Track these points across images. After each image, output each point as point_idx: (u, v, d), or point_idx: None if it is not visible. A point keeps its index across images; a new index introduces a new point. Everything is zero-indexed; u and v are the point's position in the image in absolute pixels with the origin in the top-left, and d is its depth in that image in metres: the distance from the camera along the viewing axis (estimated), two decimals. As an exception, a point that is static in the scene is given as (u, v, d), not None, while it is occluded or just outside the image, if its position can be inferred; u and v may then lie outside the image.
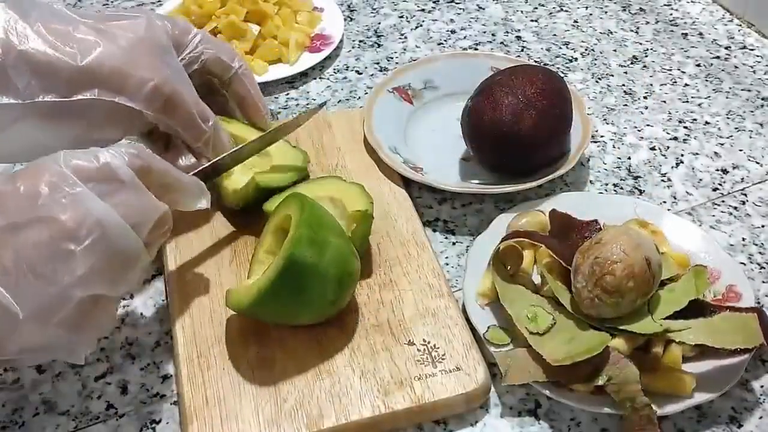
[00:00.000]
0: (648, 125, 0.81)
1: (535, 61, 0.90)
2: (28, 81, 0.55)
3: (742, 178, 0.74)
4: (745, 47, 0.92)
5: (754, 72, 0.88)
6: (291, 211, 0.56)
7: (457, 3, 1.01)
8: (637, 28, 0.96)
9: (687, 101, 0.84)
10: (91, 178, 0.46)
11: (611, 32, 0.95)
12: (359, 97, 0.85)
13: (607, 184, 0.74)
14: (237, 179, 0.65)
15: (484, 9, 0.99)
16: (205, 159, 0.62)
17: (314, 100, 0.84)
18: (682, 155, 0.77)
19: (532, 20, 0.97)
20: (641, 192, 0.73)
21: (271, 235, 0.58)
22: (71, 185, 0.45)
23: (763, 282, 0.64)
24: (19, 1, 0.57)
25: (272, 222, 0.59)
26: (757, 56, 0.91)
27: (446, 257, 0.67)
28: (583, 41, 0.94)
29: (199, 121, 0.60)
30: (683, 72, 0.88)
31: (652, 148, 0.78)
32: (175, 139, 0.64)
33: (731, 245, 0.68)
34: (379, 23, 0.97)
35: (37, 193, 0.45)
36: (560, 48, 0.92)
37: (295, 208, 0.56)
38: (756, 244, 0.68)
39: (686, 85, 0.86)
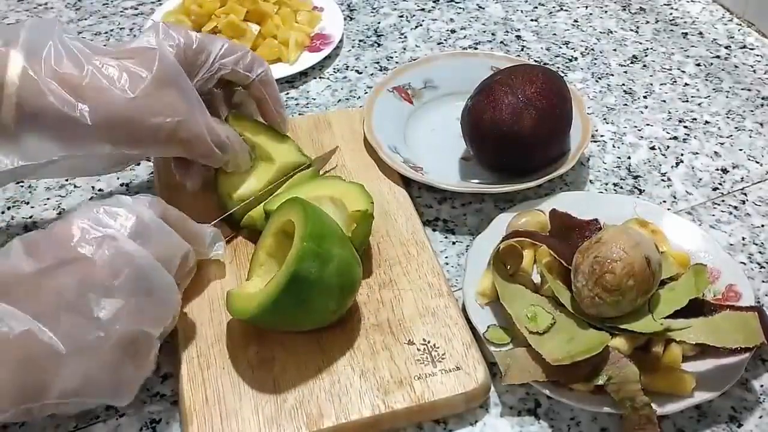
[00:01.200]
0: (648, 125, 0.81)
1: (535, 61, 0.90)
2: (42, 143, 0.54)
3: (742, 178, 0.74)
4: (745, 47, 0.92)
5: (754, 71, 0.88)
6: (294, 219, 0.55)
7: (457, 2, 1.01)
8: (637, 27, 0.96)
9: (687, 101, 0.84)
10: (119, 220, 0.49)
11: (611, 32, 0.95)
12: (359, 97, 0.85)
13: (607, 184, 0.74)
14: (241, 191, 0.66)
15: (484, 8, 0.99)
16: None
17: (314, 99, 0.84)
18: (682, 155, 0.77)
19: (532, 20, 0.97)
20: (641, 191, 0.73)
21: (272, 237, 0.58)
22: (102, 226, 0.48)
23: (763, 281, 0.64)
24: (36, 36, 0.55)
25: (273, 224, 0.59)
26: (757, 56, 0.91)
27: (446, 257, 0.67)
28: (583, 41, 0.94)
29: (216, 150, 0.61)
30: (683, 71, 0.88)
31: (652, 148, 0.78)
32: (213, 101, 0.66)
33: (731, 245, 0.68)
34: (379, 23, 0.97)
35: (70, 236, 0.47)
36: (560, 47, 0.92)
37: (298, 219, 0.55)
38: (756, 244, 0.68)
39: (686, 84, 0.86)
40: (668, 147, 0.78)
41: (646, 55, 0.91)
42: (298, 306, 0.53)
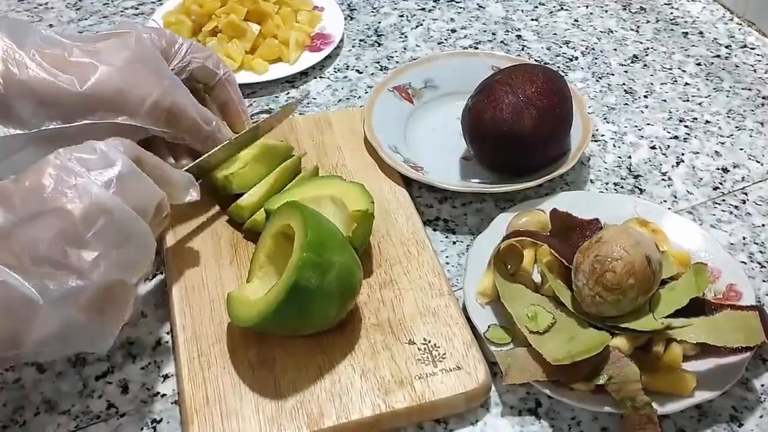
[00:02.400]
0: (648, 124, 0.81)
1: (536, 60, 0.90)
2: (33, 111, 0.56)
3: (743, 177, 0.74)
4: (745, 46, 0.92)
5: (754, 71, 0.88)
6: (293, 225, 0.55)
7: (457, 2, 1.01)
8: (638, 27, 0.96)
9: (687, 100, 0.84)
10: (92, 167, 0.49)
11: (612, 31, 0.95)
12: (359, 97, 0.85)
13: (607, 183, 0.74)
14: (245, 198, 0.66)
15: (484, 8, 0.99)
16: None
17: (315, 99, 0.84)
18: (682, 154, 0.77)
19: (532, 19, 0.97)
20: (642, 191, 0.73)
21: (272, 238, 0.58)
22: (74, 176, 0.48)
23: (764, 281, 0.64)
24: (14, 27, 0.58)
25: (272, 226, 0.58)
26: (758, 55, 0.91)
27: (446, 256, 0.67)
28: (583, 40, 0.94)
29: (203, 124, 0.63)
30: (684, 71, 0.88)
31: (653, 147, 0.78)
32: (154, 147, 0.65)
33: (732, 244, 0.68)
34: (380, 22, 0.97)
35: (43, 186, 0.47)
36: (560, 47, 0.92)
37: (297, 227, 0.54)
38: (756, 243, 0.68)
39: (687, 84, 0.86)
40: (669, 146, 0.78)
41: (647, 55, 0.91)
42: (299, 314, 0.54)
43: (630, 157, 0.77)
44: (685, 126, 0.81)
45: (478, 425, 0.55)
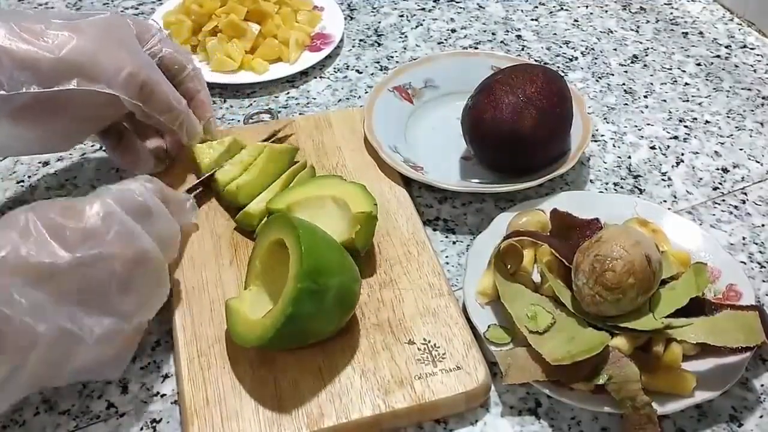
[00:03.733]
0: (648, 124, 0.81)
1: (536, 60, 0.90)
2: (11, 74, 0.56)
3: (743, 177, 0.74)
4: (745, 46, 0.92)
5: (754, 71, 0.88)
6: (288, 245, 0.53)
7: (457, 2, 1.01)
8: (638, 27, 0.96)
9: (687, 100, 0.84)
10: (132, 211, 0.50)
11: (611, 31, 0.95)
12: (359, 96, 0.85)
13: (607, 183, 0.74)
14: (254, 205, 0.66)
15: (484, 8, 0.99)
16: (175, 141, 0.70)
17: (315, 99, 0.84)
18: (682, 154, 0.77)
19: (532, 19, 0.97)
20: (641, 191, 0.73)
21: (266, 248, 0.57)
22: (125, 222, 0.49)
23: (764, 281, 0.64)
24: None
25: (266, 238, 0.57)
26: (758, 55, 0.91)
27: (446, 256, 0.67)
28: (583, 40, 0.94)
29: (175, 103, 0.64)
30: (683, 71, 0.88)
31: (653, 147, 0.78)
32: (127, 133, 0.68)
33: (731, 244, 0.68)
34: (380, 22, 0.97)
35: (98, 232, 0.48)
36: (560, 47, 0.92)
37: (292, 251, 0.53)
38: (756, 243, 0.68)
39: (686, 84, 0.86)
40: (668, 146, 0.78)
41: (647, 55, 0.91)
42: (297, 336, 0.54)
43: (630, 157, 0.77)
44: (685, 126, 0.81)
45: (477, 425, 0.55)
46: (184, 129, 0.66)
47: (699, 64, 0.89)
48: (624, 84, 0.86)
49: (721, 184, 0.74)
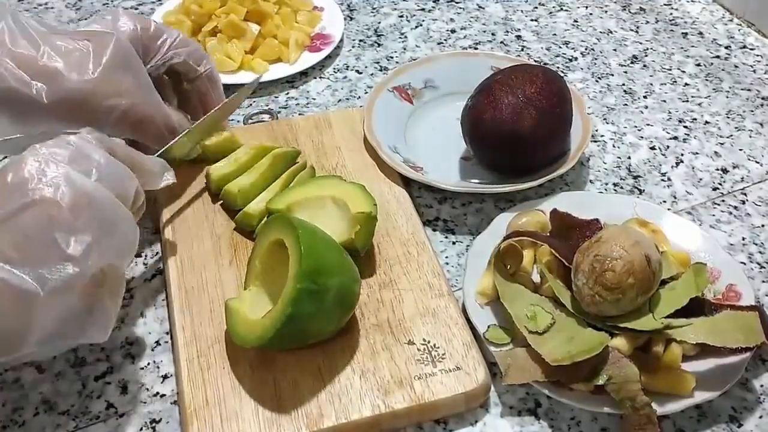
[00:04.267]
0: (648, 125, 0.81)
1: (535, 61, 0.90)
2: None
3: (742, 178, 0.74)
4: (745, 47, 0.92)
5: (754, 71, 0.88)
6: (287, 245, 0.54)
7: (457, 2, 1.01)
8: (637, 27, 0.96)
9: (687, 101, 0.84)
10: (69, 159, 0.49)
11: (611, 32, 0.95)
12: (359, 97, 0.85)
13: (607, 184, 0.74)
14: (253, 205, 0.65)
15: (484, 8, 0.99)
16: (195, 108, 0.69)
17: (314, 99, 0.84)
18: (682, 155, 0.77)
19: (532, 20, 0.97)
20: (641, 191, 0.73)
21: (266, 248, 0.57)
22: (56, 166, 0.48)
23: (763, 281, 0.64)
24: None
25: (266, 238, 0.57)
26: (757, 56, 0.91)
27: (446, 257, 0.67)
28: (583, 41, 0.94)
29: (166, 134, 0.64)
30: (683, 71, 0.88)
31: (652, 148, 0.78)
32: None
33: (731, 245, 0.68)
34: (379, 23, 0.97)
35: (25, 179, 0.47)
36: (560, 47, 0.92)
37: (292, 251, 0.53)
38: (756, 244, 0.68)
39: (686, 84, 0.86)
40: (668, 147, 0.78)
41: (646, 55, 0.91)
42: (297, 336, 0.54)
43: (629, 158, 0.77)
44: (685, 126, 0.81)
45: (477, 425, 0.55)
46: (176, 150, 0.65)
47: (699, 65, 0.89)
48: (624, 84, 0.86)
49: (720, 184, 0.74)
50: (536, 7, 1.00)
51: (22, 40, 0.57)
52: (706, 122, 0.81)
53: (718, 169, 0.75)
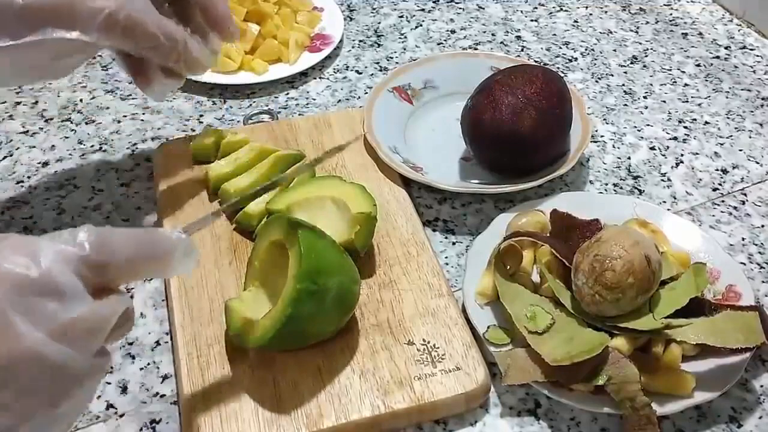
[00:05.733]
0: (648, 125, 0.81)
1: (535, 61, 0.90)
2: None
3: (742, 178, 0.74)
4: (744, 47, 0.92)
5: (753, 72, 0.88)
6: (287, 246, 0.53)
7: (456, 3, 1.01)
8: (637, 28, 0.96)
9: (687, 101, 0.84)
10: (29, 290, 0.36)
11: (611, 32, 0.95)
12: (359, 97, 0.85)
13: (606, 184, 0.74)
14: (253, 206, 0.65)
15: (484, 9, 0.99)
16: (178, 76, 0.61)
17: (314, 99, 0.84)
18: (681, 155, 0.77)
19: (532, 20, 0.97)
20: (641, 192, 0.73)
21: (265, 249, 0.57)
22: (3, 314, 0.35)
23: (763, 282, 0.64)
24: None
25: (265, 239, 0.57)
26: (757, 56, 0.91)
27: (446, 257, 0.67)
28: (582, 41, 0.94)
29: (164, 41, 0.56)
30: (683, 72, 0.88)
31: (652, 148, 0.78)
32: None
33: (731, 245, 0.68)
34: (379, 23, 0.97)
35: None
36: (560, 48, 0.92)
37: (292, 251, 0.52)
38: (756, 244, 0.68)
39: (686, 85, 0.86)
40: (668, 147, 0.78)
41: (646, 56, 0.91)
42: (297, 337, 0.54)
43: (629, 158, 0.77)
44: (685, 127, 0.81)
45: (477, 426, 0.55)
46: (182, 65, 0.58)
47: (698, 65, 0.89)
48: (623, 85, 0.86)
49: (720, 185, 0.74)
50: (536, 8, 1.00)
51: None
52: (706, 123, 0.81)
53: (717, 170, 0.75)
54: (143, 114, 0.82)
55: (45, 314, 0.36)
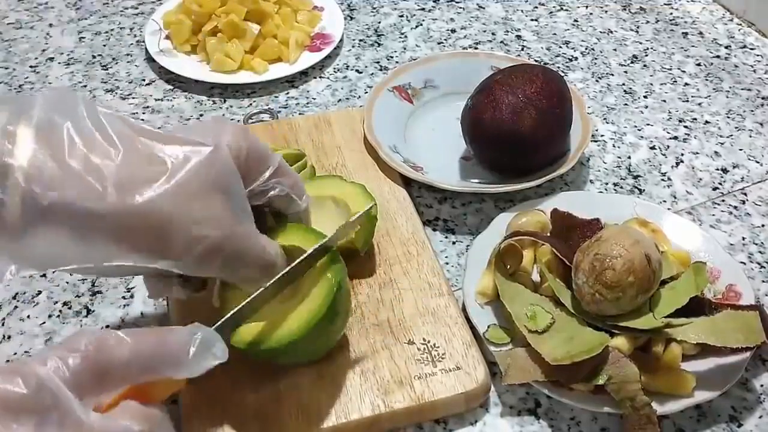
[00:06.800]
0: (648, 124, 0.81)
1: (536, 61, 0.90)
2: (49, 248, 0.41)
3: (742, 178, 0.74)
4: (745, 46, 0.92)
5: (754, 71, 0.88)
6: (314, 268, 0.51)
7: (457, 2, 1.01)
8: (637, 27, 0.96)
9: (687, 100, 0.84)
10: (18, 409, 0.34)
11: (611, 31, 0.95)
12: (359, 97, 0.85)
13: (607, 184, 0.74)
14: None
15: (484, 8, 0.99)
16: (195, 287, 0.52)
17: (314, 99, 0.84)
18: (682, 154, 0.77)
19: (532, 19, 0.97)
20: (641, 191, 0.73)
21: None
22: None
23: (763, 281, 0.64)
24: (54, 109, 0.42)
25: (282, 239, 0.54)
26: (757, 55, 0.91)
27: (446, 256, 0.67)
28: (583, 40, 0.94)
29: (261, 275, 0.49)
30: (683, 71, 0.88)
31: (652, 148, 0.78)
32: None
33: (731, 244, 0.68)
34: (380, 22, 0.97)
35: None
36: (560, 47, 0.92)
37: (325, 281, 0.50)
38: (756, 244, 0.68)
39: (686, 84, 0.86)
40: (668, 147, 0.78)
41: (647, 55, 0.91)
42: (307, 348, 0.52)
43: (629, 158, 0.77)
44: (685, 126, 0.81)
45: (477, 425, 0.55)
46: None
47: (699, 65, 0.89)
48: (624, 84, 0.86)
49: (720, 184, 0.74)
50: (536, 7, 1.00)
51: (99, 140, 0.42)
52: (706, 122, 0.81)
53: (718, 169, 0.75)
54: (143, 114, 0.82)
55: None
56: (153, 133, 0.44)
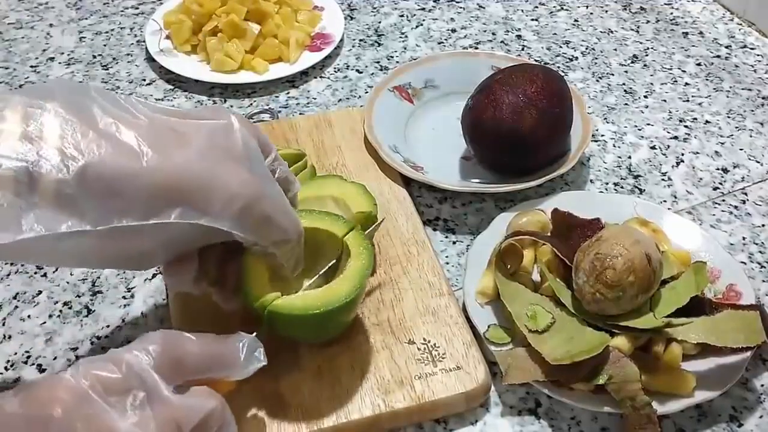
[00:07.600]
0: (648, 124, 0.81)
1: (536, 60, 0.90)
2: (100, 201, 0.42)
3: (743, 177, 0.74)
4: (745, 46, 0.92)
5: (754, 71, 0.88)
6: (349, 244, 0.55)
7: (457, 2, 1.01)
8: (638, 27, 0.96)
9: (687, 100, 0.84)
10: (114, 390, 0.40)
11: (612, 31, 0.95)
12: (360, 96, 0.85)
13: (607, 183, 0.74)
14: None
15: (484, 8, 0.99)
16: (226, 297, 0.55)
17: (315, 99, 0.84)
18: (682, 154, 0.77)
19: (532, 19, 0.97)
20: (641, 191, 0.73)
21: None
22: (89, 405, 0.39)
23: (764, 281, 0.64)
24: (72, 93, 0.44)
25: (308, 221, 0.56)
26: (758, 55, 0.91)
27: (446, 256, 0.67)
28: (583, 40, 0.94)
29: (292, 235, 0.51)
30: (684, 71, 0.88)
31: (653, 147, 0.78)
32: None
33: (731, 244, 0.68)
34: (380, 22, 0.97)
35: (50, 418, 0.38)
36: (561, 47, 0.92)
37: (360, 254, 0.54)
38: (756, 243, 0.68)
39: (687, 84, 0.86)
40: (669, 146, 0.78)
41: (647, 55, 0.91)
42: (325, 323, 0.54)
43: (630, 157, 0.77)
44: (685, 126, 0.81)
45: (477, 425, 0.55)
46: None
47: (699, 64, 0.89)
48: (624, 84, 0.86)
49: (721, 184, 0.74)
50: (537, 7, 1.00)
51: (121, 112, 0.45)
52: (707, 122, 0.81)
53: (718, 169, 0.75)
54: (144, 113, 0.82)
55: (133, 406, 0.40)
56: (168, 110, 0.47)
